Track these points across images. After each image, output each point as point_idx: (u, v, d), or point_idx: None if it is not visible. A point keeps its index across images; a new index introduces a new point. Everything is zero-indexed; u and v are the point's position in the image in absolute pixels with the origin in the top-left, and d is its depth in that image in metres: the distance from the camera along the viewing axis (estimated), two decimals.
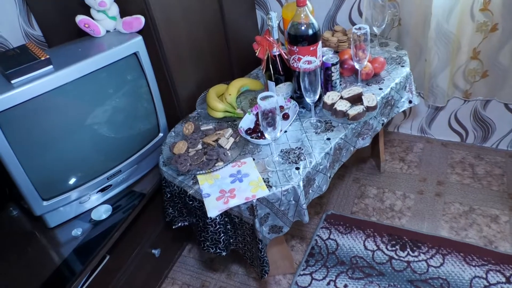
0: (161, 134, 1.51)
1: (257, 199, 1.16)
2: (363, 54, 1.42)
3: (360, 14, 1.90)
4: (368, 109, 1.37)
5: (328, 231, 1.75)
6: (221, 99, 1.50)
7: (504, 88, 1.78)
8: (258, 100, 1.14)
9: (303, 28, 1.28)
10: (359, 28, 1.38)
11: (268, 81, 1.47)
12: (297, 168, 1.23)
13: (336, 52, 1.73)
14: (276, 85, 1.46)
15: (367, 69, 1.51)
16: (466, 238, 1.63)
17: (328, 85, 1.48)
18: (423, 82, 1.89)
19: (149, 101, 1.42)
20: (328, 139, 1.32)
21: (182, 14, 1.48)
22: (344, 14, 1.93)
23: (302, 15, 1.27)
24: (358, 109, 1.35)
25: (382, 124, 1.52)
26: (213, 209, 1.16)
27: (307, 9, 1.28)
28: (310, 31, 1.28)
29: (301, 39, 1.29)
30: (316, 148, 1.29)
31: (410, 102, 1.61)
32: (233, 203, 1.15)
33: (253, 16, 2.04)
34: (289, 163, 1.25)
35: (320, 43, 1.33)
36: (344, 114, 1.37)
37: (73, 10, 1.36)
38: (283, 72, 1.43)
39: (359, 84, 1.52)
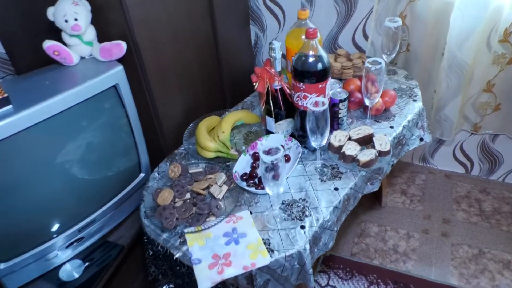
0: (142, 175, 1.32)
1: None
2: (375, 89, 1.26)
3: (366, 37, 1.74)
4: (381, 154, 1.21)
5: (327, 276, 1.59)
6: (212, 134, 1.31)
7: None
8: (261, 154, 0.96)
9: (311, 62, 1.11)
10: (374, 62, 1.22)
11: (267, 117, 1.29)
12: (302, 227, 1.06)
13: (339, 79, 1.57)
14: (276, 121, 1.29)
15: (377, 104, 1.35)
16: (478, 287, 1.50)
17: (334, 123, 1.32)
18: (430, 113, 1.74)
19: (129, 136, 1.23)
20: (336, 189, 1.15)
21: (171, 36, 1.29)
22: (347, 35, 1.76)
23: (310, 47, 1.10)
24: (370, 154, 1.19)
25: (392, 165, 1.37)
26: (205, 280, 0.97)
27: (316, 40, 1.10)
28: (320, 66, 1.11)
29: (308, 75, 1.12)
30: (323, 201, 1.12)
31: (421, 139, 1.46)
32: (228, 273, 0.98)
33: (246, 33, 1.86)
34: (293, 219, 1.08)
35: (330, 79, 1.15)
36: (354, 159, 1.20)
37: (42, 33, 1.15)
38: (284, 107, 1.25)
39: (368, 121, 1.36)
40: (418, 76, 1.70)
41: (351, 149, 1.22)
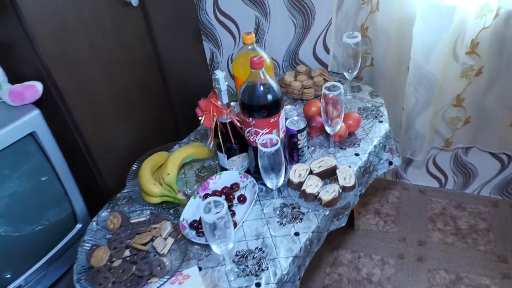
0: (79, 226, 1.17)
1: None
2: (336, 114, 1.14)
3: (327, 50, 1.62)
4: (345, 189, 1.10)
5: None
6: (158, 176, 1.17)
7: (487, 135, 1.58)
8: (202, 214, 0.83)
9: (259, 94, 0.98)
10: (332, 88, 1.10)
11: (218, 153, 1.16)
12: (258, 285, 0.93)
13: (300, 100, 1.45)
14: (228, 157, 1.15)
15: (340, 130, 1.24)
16: None
17: (293, 154, 1.19)
18: (399, 131, 1.64)
19: (57, 185, 1.07)
20: (297, 234, 1.03)
21: (99, 67, 1.15)
22: (307, 49, 1.65)
23: (257, 76, 0.97)
24: (333, 191, 1.07)
25: (360, 195, 1.26)
26: None
27: (263, 69, 0.97)
28: (270, 98, 0.98)
29: (257, 108, 0.99)
30: (282, 250, 1.00)
31: (390, 163, 1.35)
32: None
33: (199, 50, 1.72)
34: (247, 275, 0.95)
35: (283, 111, 1.03)
36: (316, 197, 1.08)
37: None
38: (236, 140, 1.12)
39: (331, 149, 1.24)
40: (385, 92, 1.60)
41: (312, 185, 1.10)
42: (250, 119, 1.00)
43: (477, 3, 1.29)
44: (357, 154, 1.23)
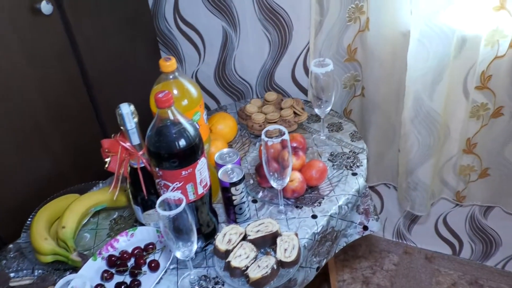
0: None
1: None
2: (277, 166, 1.07)
3: (307, 72, 1.56)
4: (283, 265, 1.02)
5: None
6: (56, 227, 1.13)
7: None
8: None
9: (168, 138, 0.92)
10: (274, 134, 1.03)
11: (133, 204, 1.11)
12: None
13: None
14: (144, 210, 1.10)
15: (294, 183, 1.16)
16: None
17: (229, 212, 1.13)
18: (397, 178, 1.56)
19: None
20: None
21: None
22: (285, 70, 1.59)
23: (166, 116, 0.92)
24: (265, 267, 1.00)
25: (318, 268, 1.18)
26: None
27: (173, 107, 0.92)
28: (181, 143, 0.92)
29: (166, 156, 0.93)
30: None
31: (365, 228, 1.27)
32: None
33: (156, 63, 1.68)
34: None
35: (202, 160, 0.97)
36: (243, 273, 1.01)
37: None
38: (153, 190, 1.07)
39: (281, 208, 1.17)
40: (379, 129, 1.54)
41: (241, 256, 1.03)
42: (157, 169, 0.95)
43: (487, 27, 1.21)
44: (314, 216, 1.15)
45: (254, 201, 1.21)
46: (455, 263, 1.73)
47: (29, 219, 1.19)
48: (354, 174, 1.25)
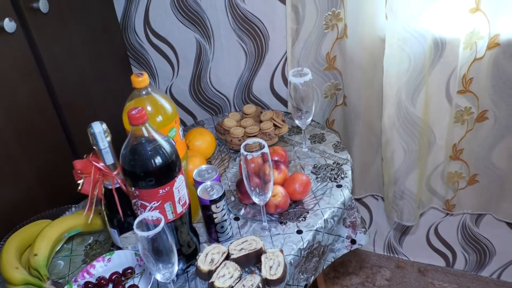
0: None
1: None
2: (266, 178, 1.10)
3: (286, 82, 1.61)
4: (269, 283, 1.05)
5: None
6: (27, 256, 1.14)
7: (503, 200, 1.53)
8: None
9: (143, 156, 0.95)
10: (254, 148, 1.07)
11: (108, 227, 1.13)
12: None
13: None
14: (121, 232, 1.13)
15: (277, 198, 1.20)
16: None
17: (211, 231, 1.16)
18: (383, 188, 1.61)
19: None
20: None
21: None
22: (263, 81, 1.65)
23: (141, 133, 0.95)
24: (250, 286, 1.02)
25: (306, 286, 1.21)
26: None
27: (147, 124, 0.95)
28: (157, 161, 0.96)
29: (141, 175, 0.96)
30: None
31: (353, 242, 1.31)
32: None
33: (127, 79, 1.71)
34: None
35: (180, 178, 1.00)
36: None
37: None
38: (130, 211, 1.09)
39: (264, 224, 1.20)
40: (363, 138, 1.60)
41: (225, 276, 1.05)
42: (133, 189, 0.98)
43: (465, 30, 1.27)
44: (299, 231, 1.18)
45: (236, 218, 1.25)
46: (449, 275, 1.78)
47: None
48: (339, 186, 1.29)
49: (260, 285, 1.03)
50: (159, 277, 0.98)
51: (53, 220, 1.24)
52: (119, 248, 1.17)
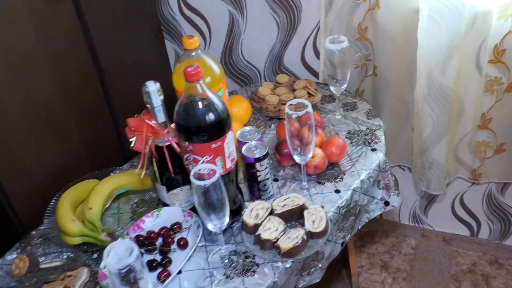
0: None
1: None
2: (308, 138, 1.18)
3: (317, 54, 1.68)
4: (313, 235, 1.13)
5: None
6: (81, 210, 1.22)
7: None
8: (105, 260, 0.87)
9: (197, 112, 1.03)
10: (298, 106, 1.14)
11: (156, 185, 1.21)
12: None
13: (278, 119, 1.50)
14: (169, 189, 1.20)
15: (316, 159, 1.28)
16: None
17: (253, 189, 1.24)
18: (412, 157, 1.67)
19: None
20: None
21: (12, 70, 1.22)
22: (294, 54, 1.71)
23: (196, 91, 1.02)
24: (296, 238, 1.10)
25: (342, 244, 1.29)
26: None
27: (202, 81, 1.03)
28: (210, 117, 1.03)
29: (195, 130, 1.04)
30: None
31: (386, 203, 1.38)
32: None
33: (159, 52, 1.79)
34: None
35: (230, 134, 1.07)
36: (274, 245, 1.12)
37: None
38: (178, 169, 1.17)
39: (304, 184, 1.28)
40: (392, 109, 1.65)
41: (270, 229, 1.13)
42: (187, 143, 1.05)
43: (499, 0, 1.33)
44: (337, 191, 1.26)
45: (275, 180, 1.32)
46: (474, 244, 1.86)
47: (50, 205, 1.29)
48: (373, 150, 1.36)
49: (305, 237, 1.11)
50: (210, 227, 1.06)
51: (98, 180, 1.33)
52: (166, 205, 1.25)
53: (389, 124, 1.70)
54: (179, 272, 1.11)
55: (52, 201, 1.29)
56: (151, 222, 1.21)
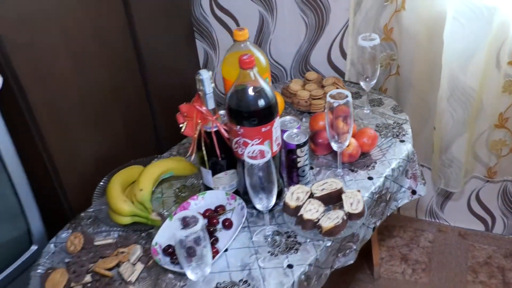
0: (34, 247, 1.30)
1: None
2: (344, 128, 1.27)
3: (344, 54, 1.77)
4: (351, 217, 1.21)
5: None
6: (130, 192, 1.30)
7: None
8: (175, 231, 0.95)
9: (249, 98, 1.12)
10: (338, 95, 1.23)
11: (202, 169, 1.29)
12: None
13: (308, 113, 1.58)
14: (214, 173, 1.29)
15: (350, 148, 1.36)
16: None
17: (292, 174, 1.32)
18: (431, 155, 1.76)
19: (10, 197, 1.22)
20: (290, 266, 1.14)
21: (70, 61, 1.31)
22: (321, 54, 1.80)
23: (248, 78, 1.11)
24: (336, 218, 1.19)
25: (374, 228, 1.37)
26: None
27: (255, 69, 1.12)
28: (261, 103, 1.12)
29: (246, 115, 1.12)
30: (271, 283, 1.11)
31: (413, 192, 1.47)
32: None
33: (191, 50, 1.88)
34: None
35: (277, 121, 1.16)
36: (315, 224, 1.20)
37: None
38: (224, 154, 1.25)
39: (339, 171, 1.36)
40: (413, 107, 1.73)
41: (311, 210, 1.22)
42: (238, 127, 1.14)
43: None
44: (370, 178, 1.35)
45: (311, 168, 1.41)
46: (489, 238, 1.94)
47: (98, 188, 1.36)
48: (402, 141, 1.46)
49: (345, 217, 1.20)
50: (258, 206, 1.15)
51: (142, 166, 1.41)
52: (209, 189, 1.33)
53: (410, 123, 1.78)
54: (226, 250, 1.19)
55: (101, 183, 1.36)
56: (196, 205, 1.29)
